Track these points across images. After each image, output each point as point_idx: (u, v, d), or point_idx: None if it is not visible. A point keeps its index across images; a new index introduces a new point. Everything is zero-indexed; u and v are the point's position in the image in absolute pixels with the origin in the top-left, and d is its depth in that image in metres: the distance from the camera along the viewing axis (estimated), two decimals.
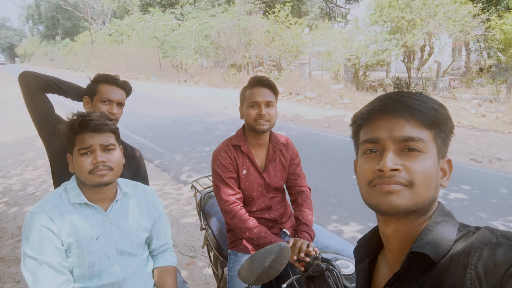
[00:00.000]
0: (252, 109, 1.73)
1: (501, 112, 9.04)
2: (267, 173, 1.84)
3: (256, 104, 1.73)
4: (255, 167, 1.82)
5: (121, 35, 28.49)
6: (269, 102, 1.74)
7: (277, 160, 1.87)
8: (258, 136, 1.80)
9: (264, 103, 1.72)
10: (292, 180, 1.93)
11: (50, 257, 1.26)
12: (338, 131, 8.19)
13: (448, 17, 11.64)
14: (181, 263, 3.23)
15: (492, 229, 0.67)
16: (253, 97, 1.73)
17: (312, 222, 1.83)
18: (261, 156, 1.86)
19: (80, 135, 1.32)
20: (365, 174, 0.75)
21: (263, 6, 23.51)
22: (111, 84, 1.82)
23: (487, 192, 4.47)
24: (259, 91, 1.73)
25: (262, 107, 1.72)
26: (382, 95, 0.77)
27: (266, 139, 1.85)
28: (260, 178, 1.83)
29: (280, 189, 1.92)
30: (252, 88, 1.76)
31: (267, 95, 1.74)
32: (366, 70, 14.35)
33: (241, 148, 1.80)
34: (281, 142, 1.90)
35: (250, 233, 1.69)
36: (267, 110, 1.73)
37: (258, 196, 1.83)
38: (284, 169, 1.89)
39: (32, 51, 66.67)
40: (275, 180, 1.86)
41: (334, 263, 1.34)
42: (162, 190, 5.00)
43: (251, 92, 1.75)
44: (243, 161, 1.81)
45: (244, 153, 1.81)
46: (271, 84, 1.77)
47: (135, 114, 10.96)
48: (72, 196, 1.35)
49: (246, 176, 1.80)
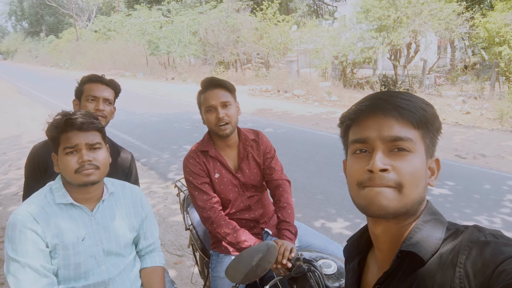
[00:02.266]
0: (209, 114, 1.68)
1: (485, 109, 9.21)
2: (241, 172, 1.80)
3: (212, 107, 1.67)
4: (227, 169, 1.78)
5: (109, 31, 28.13)
6: (225, 102, 1.68)
7: (250, 157, 1.83)
8: (224, 139, 1.75)
9: (220, 105, 1.66)
10: (268, 174, 1.87)
11: (33, 259, 1.23)
12: (326, 128, 8.23)
13: (433, 15, 11.79)
14: (169, 262, 3.22)
15: (480, 228, 0.68)
16: (208, 101, 1.68)
17: (293, 217, 1.78)
18: (233, 157, 1.82)
19: (65, 134, 1.30)
20: (354, 175, 0.75)
21: (251, 3, 23.45)
22: (95, 82, 1.84)
23: (471, 187, 4.55)
24: (212, 94, 1.67)
25: (219, 110, 1.66)
26: (369, 95, 0.77)
27: (234, 139, 1.80)
28: (234, 179, 1.79)
29: (259, 187, 1.87)
30: (205, 92, 1.70)
31: (221, 95, 1.67)
32: (354, 68, 14.46)
33: (209, 152, 1.76)
34: (251, 138, 1.84)
35: (230, 238, 1.65)
36: (225, 111, 1.67)
37: (235, 197, 1.80)
38: (258, 165, 1.85)
39: (16, 48, 65.35)
40: (251, 177, 1.82)
41: (316, 263, 1.34)
42: (149, 188, 4.97)
43: (205, 97, 1.69)
44: (214, 165, 1.77)
45: (213, 157, 1.77)
46: (223, 83, 1.70)
47: (123, 112, 10.84)
48: (58, 196, 1.33)
49: (219, 180, 1.77)
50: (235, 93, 1.76)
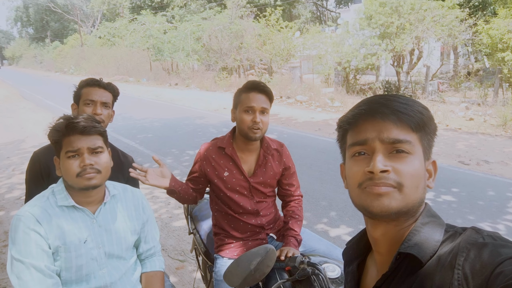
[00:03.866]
0: (246, 115, 1.69)
1: (488, 115, 9.17)
2: (254, 177, 1.81)
3: (251, 109, 1.68)
4: (239, 170, 1.79)
5: (113, 37, 28.31)
6: (264, 109, 1.70)
7: (268, 166, 1.83)
8: (248, 142, 1.76)
9: (259, 110, 1.68)
10: (286, 190, 1.92)
11: (37, 260, 1.24)
12: (328, 134, 8.23)
13: (436, 21, 11.81)
14: (171, 267, 3.21)
15: (478, 230, 0.68)
16: (249, 102, 1.68)
17: (301, 228, 1.82)
18: (251, 161, 1.82)
19: (67, 138, 1.30)
20: (354, 177, 0.74)
21: (254, 10, 23.58)
22: (92, 86, 1.83)
23: (474, 194, 4.52)
24: (256, 97, 1.69)
25: (257, 114, 1.67)
26: (366, 99, 0.77)
27: (256, 145, 1.82)
28: (245, 181, 1.80)
29: (269, 195, 1.88)
30: (248, 93, 1.71)
31: (263, 101, 1.70)
32: (357, 74, 14.47)
33: (225, 150, 1.78)
34: (273, 147, 1.86)
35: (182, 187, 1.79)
36: (261, 118, 1.69)
37: (242, 199, 1.81)
38: (274, 175, 1.85)
39: (21, 54, 65.90)
40: (262, 185, 1.83)
41: (320, 267, 1.34)
42: (152, 193, 4.97)
43: (247, 97, 1.70)
44: (225, 163, 1.79)
45: (228, 156, 1.79)
46: (268, 91, 1.73)
47: (125, 117, 10.88)
48: (60, 198, 1.34)
49: (228, 178, 1.79)
50: (272, 104, 1.79)
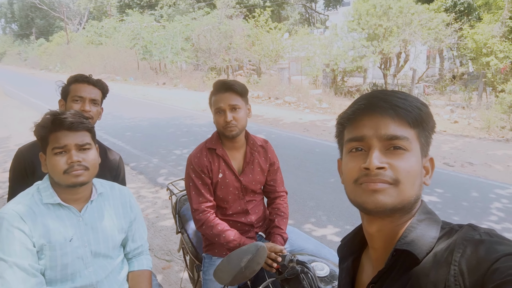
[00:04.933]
0: (218, 116, 1.70)
1: (472, 118, 9.35)
2: (244, 175, 1.81)
3: (221, 110, 1.69)
4: (231, 170, 1.79)
5: (100, 36, 27.97)
6: (234, 106, 1.69)
7: (255, 163, 1.84)
8: (232, 140, 1.77)
9: (229, 108, 1.68)
10: (271, 185, 1.92)
11: (21, 259, 1.21)
12: (316, 135, 8.27)
13: (423, 25, 12.00)
14: (157, 267, 3.18)
15: (475, 227, 0.68)
16: (217, 103, 1.70)
17: (286, 225, 1.82)
18: (238, 159, 1.82)
19: (54, 134, 1.27)
20: (350, 173, 0.74)
21: (244, 10, 23.58)
22: (82, 83, 1.80)
23: (459, 195, 4.60)
24: (222, 97, 1.69)
25: (227, 113, 1.68)
26: (366, 94, 0.77)
27: (241, 142, 1.82)
28: (237, 181, 1.80)
29: (258, 193, 1.89)
30: (216, 94, 1.73)
31: (231, 99, 1.69)
32: (344, 76, 14.60)
33: (216, 151, 1.77)
34: (258, 144, 1.87)
35: (219, 239, 1.67)
36: (233, 115, 1.68)
37: (234, 199, 1.81)
38: (262, 171, 1.86)
39: (5, 50, 64.54)
40: (252, 183, 1.83)
41: (309, 265, 1.34)
42: (139, 193, 4.92)
43: (215, 99, 1.72)
44: (219, 165, 1.78)
45: (220, 156, 1.78)
46: (235, 87, 1.71)
47: (113, 116, 10.75)
48: (45, 196, 1.31)
49: (222, 180, 1.78)
50: (246, 96, 1.77)
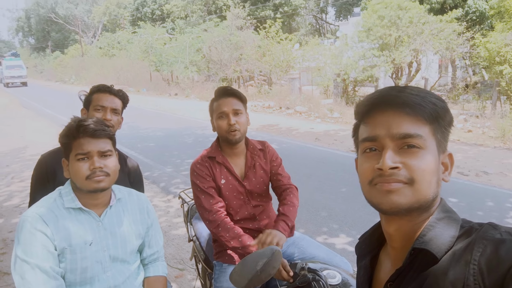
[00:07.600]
0: (221, 120, 1.75)
1: (487, 127, 9.23)
2: (247, 180, 1.84)
3: (224, 114, 1.75)
4: (233, 176, 1.82)
5: (113, 48, 28.52)
6: (236, 110, 1.76)
7: (257, 166, 1.88)
8: (232, 146, 1.81)
9: (232, 112, 1.74)
10: (276, 180, 1.93)
11: (42, 261, 1.24)
12: (327, 144, 8.25)
13: (434, 35, 11.95)
14: (170, 275, 3.19)
15: (495, 225, 0.67)
16: (220, 108, 1.75)
17: (294, 215, 1.81)
18: (240, 165, 1.86)
19: (77, 140, 1.32)
20: (365, 173, 0.74)
21: (254, 22, 23.82)
22: (104, 92, 1.87)
23: (474, 204, 4.53)
24: (225, 101, 1.76)
25: (231, 117, 1.73)
26: (379, 90, 0.76)
27: (242, 147, 1.86)
28: (240, 186, 1.83)
29: (264, 196, 1.90)
30: (218, 100, 1.78)
31: (233, 103, 1.76)
32: (355, 86, 14.57)
33: (216, 159, 1.81)
34: (258, 148, 1.91)
35: (235, 242, 1.68)
36: (236, 119, 1.74)
37: (239, 204, 1.83)
38: (265, 173, 1.90)
39: None
40: (257, 186, 1.86)
41: (321, 273, 1.33)
42: (151, 202, 4.96)
43: (218, 104, 1.77)
44: (220, 171, 1.81)
45: (220, 163, 1.82)
46: (236, 93, 1.79)
47: (128, 127, 10.89)
48: (67, 200, 1.35)
49: (225, 186, 1.81)
50: (246, 104, 1.84)
